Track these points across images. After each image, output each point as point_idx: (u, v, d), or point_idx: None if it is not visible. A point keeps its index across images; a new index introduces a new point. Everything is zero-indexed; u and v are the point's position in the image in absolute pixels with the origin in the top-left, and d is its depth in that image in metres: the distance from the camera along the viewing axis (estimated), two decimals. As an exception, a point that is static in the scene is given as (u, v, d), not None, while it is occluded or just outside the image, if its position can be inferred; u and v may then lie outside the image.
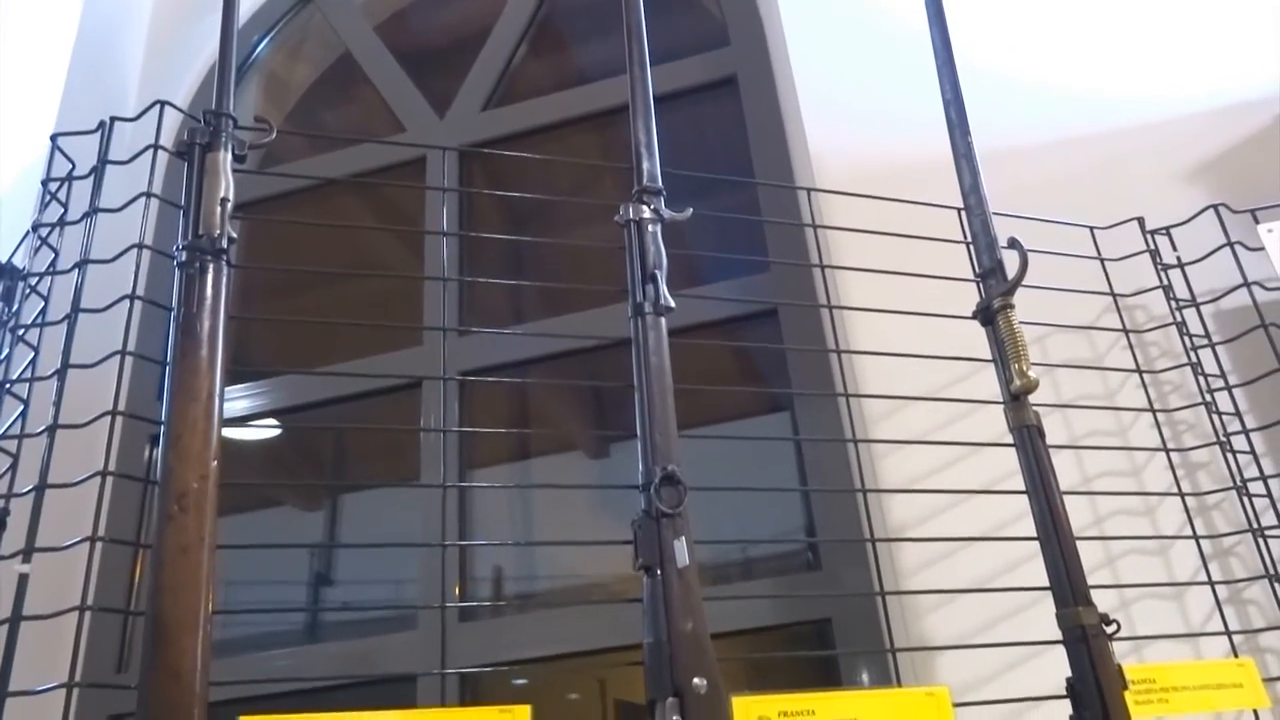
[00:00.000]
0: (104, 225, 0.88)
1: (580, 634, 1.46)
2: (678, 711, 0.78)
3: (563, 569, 1.69)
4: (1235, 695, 1.01)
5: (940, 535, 1.14)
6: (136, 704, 0.68)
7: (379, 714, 0.74)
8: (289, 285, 2.03)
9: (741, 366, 1.75)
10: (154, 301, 0.85)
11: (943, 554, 1.19)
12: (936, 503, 1.20)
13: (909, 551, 1.22)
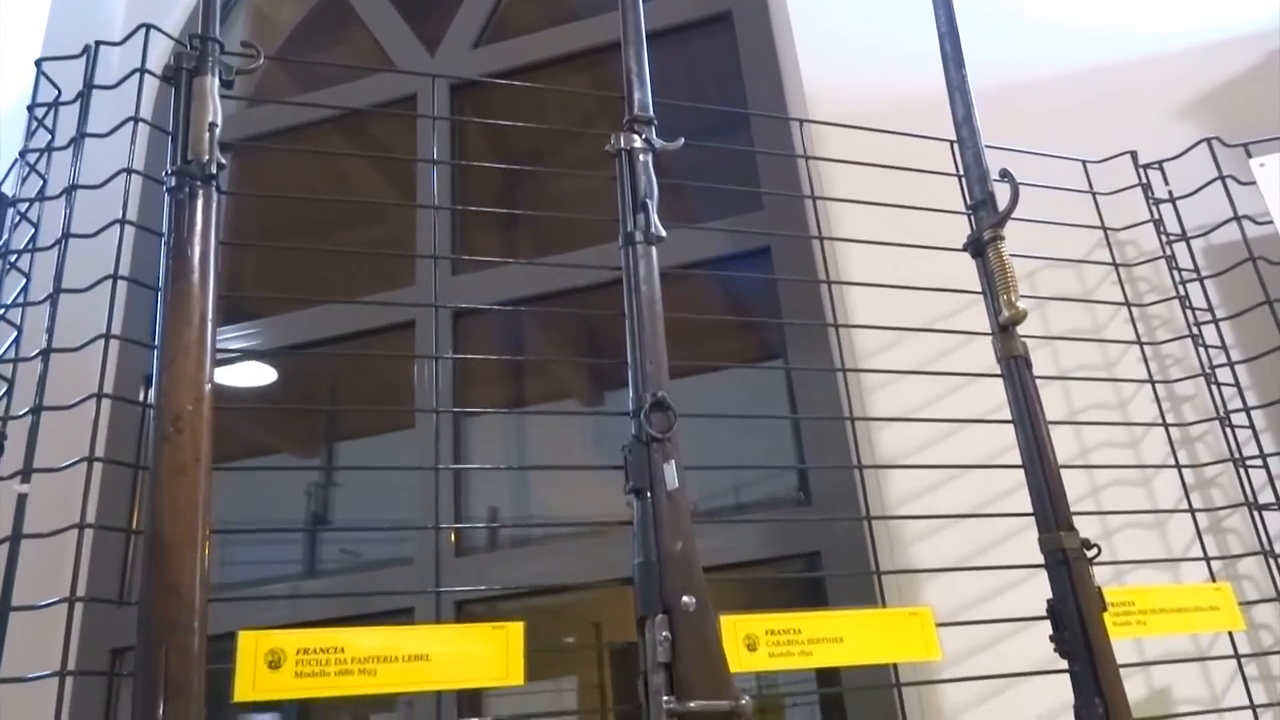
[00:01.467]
0: (93, 152, 0.87)
1: (574, 568, 1.48)
2: (667, 628, 0.80)
3: (557, 514, 1.71)
4: (1212, 618, 1.04)
5: (927, 464, 1.15)
6: (137, 620, 0.70)
7: (374, 630, 0.76)
8: (279, 233, 2.02)
9: (734, 311, 1.76)
10: (145, 227, 0.85)
11: (930, 485, 1.21)
12: (925, 436, 1.22)
13: (897, 484, 1.24)
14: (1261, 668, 1.12)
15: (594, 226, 1.43)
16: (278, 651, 0.73)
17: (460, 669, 0.77)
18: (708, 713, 0.77)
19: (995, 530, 1.15)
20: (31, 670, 0.73)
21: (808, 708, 1.45)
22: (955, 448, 1.20)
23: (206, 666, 0.69)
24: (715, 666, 0.80)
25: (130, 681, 0.69)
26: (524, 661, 0.80)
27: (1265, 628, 1.14)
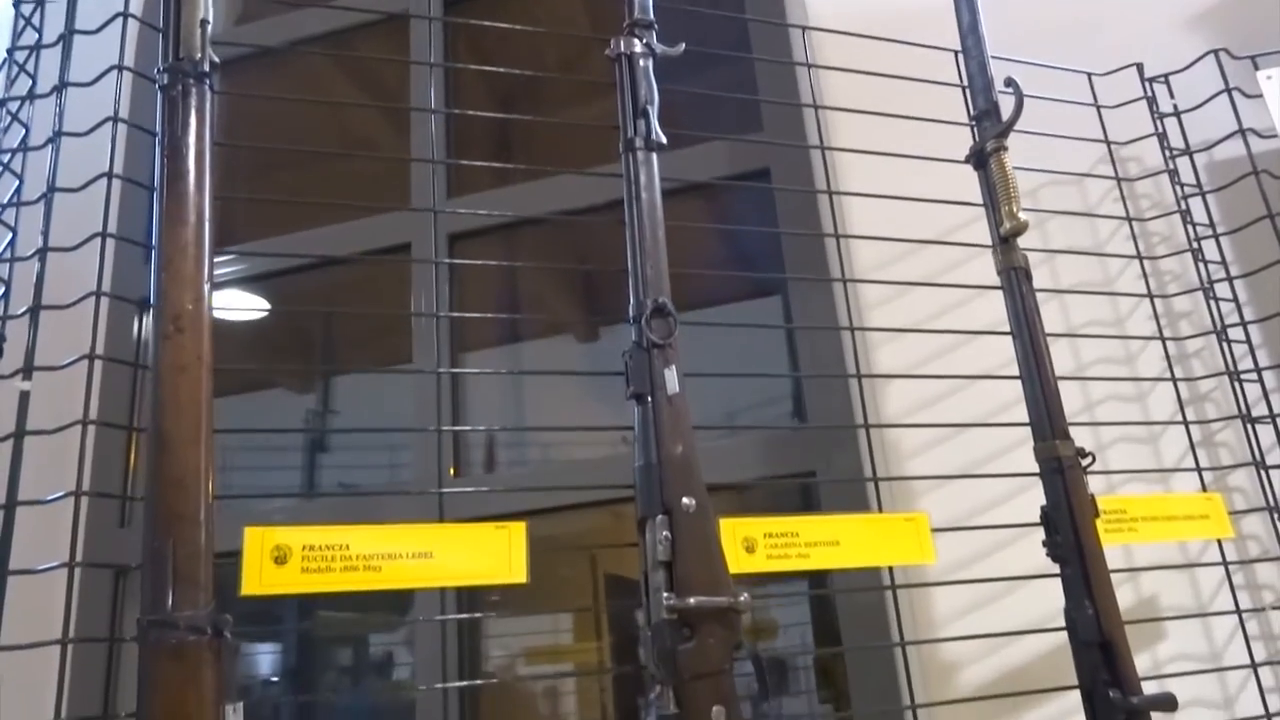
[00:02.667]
0: (83, 50, 0.86)
1: (571, 495, 1.49)
2: (667, 528, 0.81)
3: (552, 454, 1.72)
4: (1201, 526, 1.06)
5: (926, 374, 1.16)
6: (144, 515, 0.70)
7: (378, 528, 0.77)
8: (268, 164, 1.99)
9: (731, 237, 1.75)
10: (138, 125, 0.84)
11: (928, 400, 1.22)
12: (923, 352, 1.22)
13: (894, 401, 1.24)
14: (1248, 576, 1.15)
15: (592, 149, 1.41)
16: (283, 548, 0.74)
17: (463, 566, 0.78)
18: (706, 609, 0.78)
19: (991, 445, 1.16)
20: (39, 564, 0.73)
21: (800, 628, 1.49)
22: (954, 365, 1.20)
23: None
24: (714, 565, 0.81)
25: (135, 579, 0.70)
26: (525, 560, 0.81)
27: (1253, 538, 1.16)
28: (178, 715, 0.66)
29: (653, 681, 0.79)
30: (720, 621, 0.79)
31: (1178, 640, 1.13)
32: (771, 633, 1.53)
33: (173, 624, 0.67)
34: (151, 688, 0.66)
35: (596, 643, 1.70)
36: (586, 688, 1.64)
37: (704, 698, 0.77)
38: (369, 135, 1.98)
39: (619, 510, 1.66)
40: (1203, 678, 1.11)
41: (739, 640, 0.80)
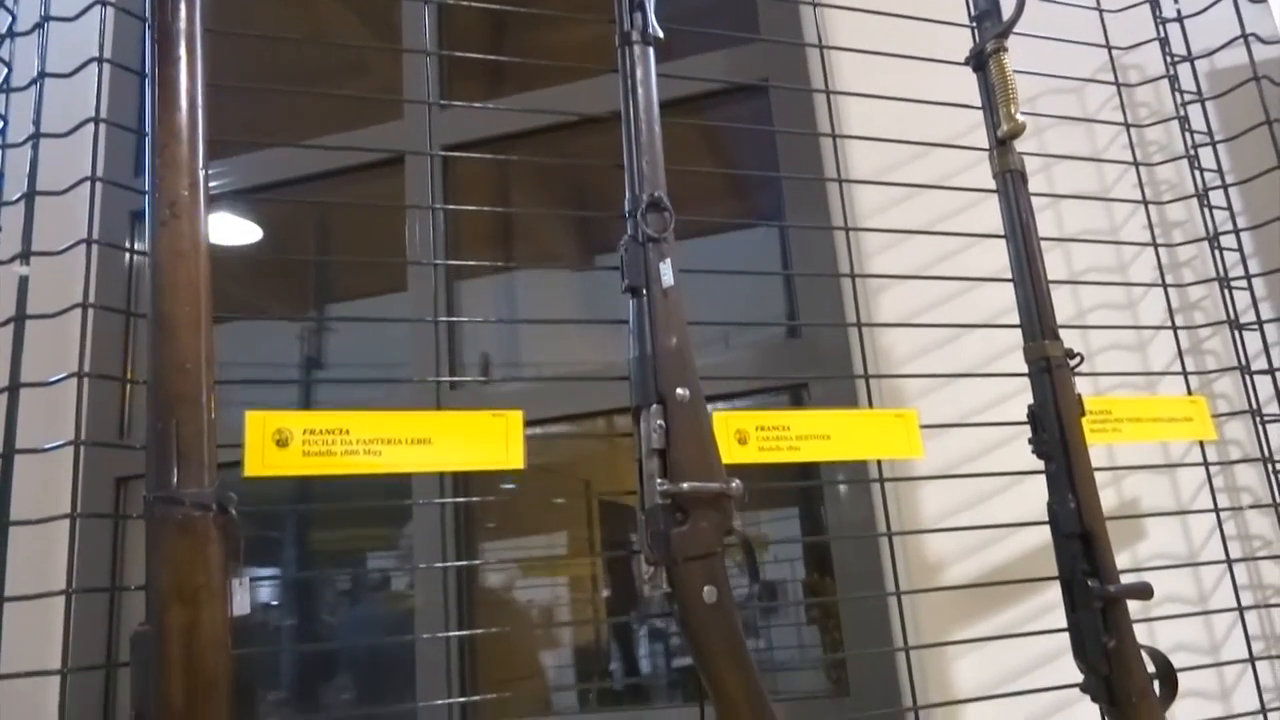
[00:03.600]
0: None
1: (564, 402, 1.51)
2: (661, 417, 0.82)
3: (547, 374, 1.73)
4: (1185, 428, 1.08)
5: (913, 274, 1.16)
6: (147, 398, 0.71)
7: (378, 414, 0.79)
8: (256, 74, 1.96)
9: (727, 154, 1.74)
10: (126, 10, 0.82)
11: (921, 308, 1.23)
12: (918, 261, 1.23)
13: (886, 309, 1.25)
14: (1228, 479, 1.18)
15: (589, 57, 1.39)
16: (285, 431, 0.76)
17: (461, 452, 0.80)
18: (699, 494, 0.80)
19: (983, 351, 1.18)
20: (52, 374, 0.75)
21: (791, 562, 1.53)
22: (949, 272, 1.20)
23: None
24: (707, 453, 0.83)
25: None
26: (522, 448, 0.82)
27: (1235, 443, 1.18)
28: (186, 588, 0.68)
29: (647, 563, 0.81)
30: (712, 506, 0.81)
31: (1157, 540, 1.16)
32: (761, 548, 1.57)
33: (178, 500, 0.69)
34: (159, 562, 0.68)
35: (589, 556, 1.74)
36: (580, 608, 1.69)
37: (696, 578, 0.79)
38: (362, 58, 1.95)
39: (615, 441, 1.69)
40: (1179, 575, 1.14)
41: (730, 525, 0.82)
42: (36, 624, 0.74)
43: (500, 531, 1.70)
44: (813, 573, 1.48)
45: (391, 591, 1.78)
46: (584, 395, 1.49)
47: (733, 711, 0.79)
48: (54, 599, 0.71)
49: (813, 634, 1.51)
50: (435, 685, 1.41)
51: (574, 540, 1.73)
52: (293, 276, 1.92)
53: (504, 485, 1.73)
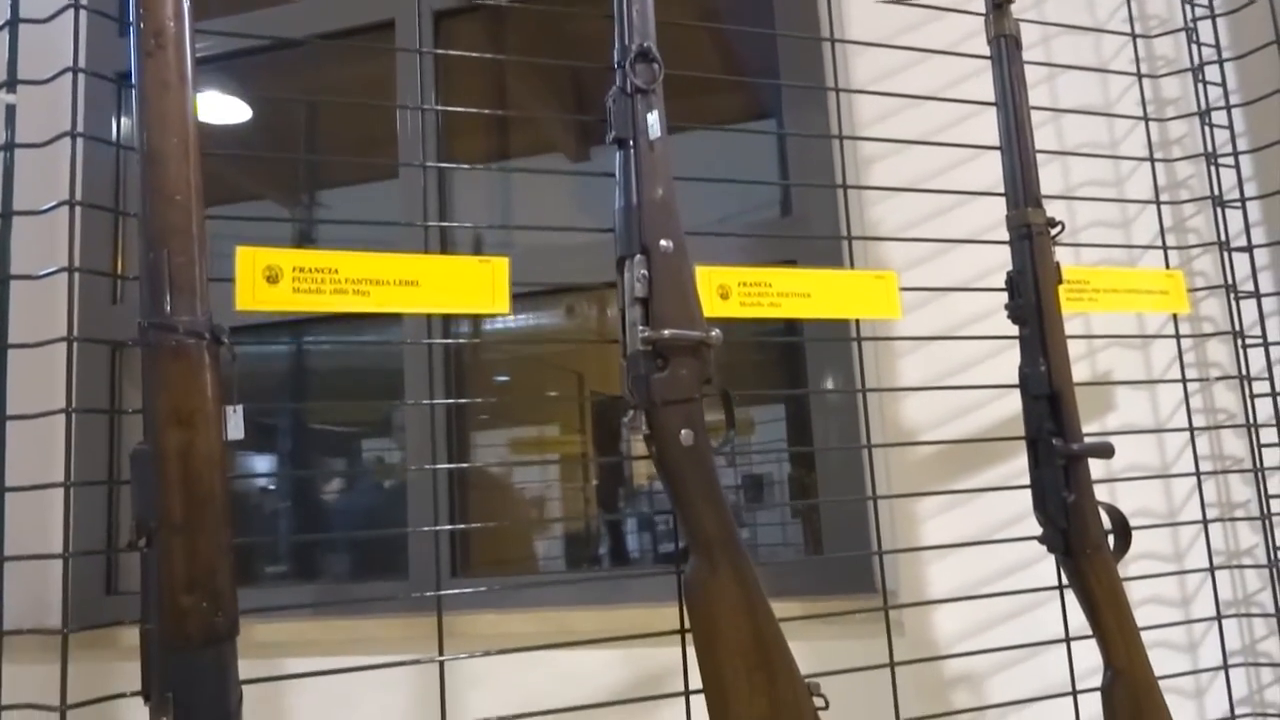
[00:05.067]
0: None
1: (559, 273, 1.52)
2: (644, 266, 0.84)
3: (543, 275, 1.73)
4: (1160, 300, 1.10)
5: (909, 139, 1.16)
6: (139, 230, 0.73)
7: (367, 255, 0.80)
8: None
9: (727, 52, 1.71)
10: None
11: (911, 181, 1.23)
12: (912, 131, 1.22)
13: (876, 179, 1.25)
14: (1199, 355, 1.21)
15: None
16: (274, 268, 0.77)
17: (449, 295, 0.82)
18: (679, 341, 0.83)
19: (967, 229, 1.18)
20: (41, 267, 0.77)
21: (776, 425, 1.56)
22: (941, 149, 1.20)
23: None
24: (688, 303, 0.85)
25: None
26: (508, 294, 0.84)
27: (1209, 319, 1.21)
28: (182, 411, 0.70)
29: (628, 406, 0.84)
30: (692, 354, 0.84)
31: (1125, 413, 1.20)
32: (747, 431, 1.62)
33: (172, 327, 0.71)
34: (155, 386, 0.71)
35: (579, 436, 1.78)
36: (570, 495, 1.73)
37: (674, 421, 0.82)
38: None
39: (605, 330, 1.71)
40: (1144, 444, 1.18)
41: (709, 374, 0.85)
42: (42, 440, 0.77)
43: (492, 423, 1.74)
44: (794, 391, 1.53)
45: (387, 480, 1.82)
46: (571, 265, 1.51)
47: (708, 553, 0.83)
48: (55, 418, 0.74)
49: (793, 508, 1.56)
50: (427, 541, 1.47)
51: (566, 430, 1.77)
52: (283, 161, 1.90)
53: (497, 379, 1.76)
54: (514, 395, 1.74)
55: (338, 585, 1.67)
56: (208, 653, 0.68)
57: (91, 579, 1.59)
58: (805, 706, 0.82)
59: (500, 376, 1.77)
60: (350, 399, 1.85)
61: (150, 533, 0.69)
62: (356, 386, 1.84)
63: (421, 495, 1.53)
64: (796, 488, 1.56)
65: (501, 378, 1.78)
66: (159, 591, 0.68)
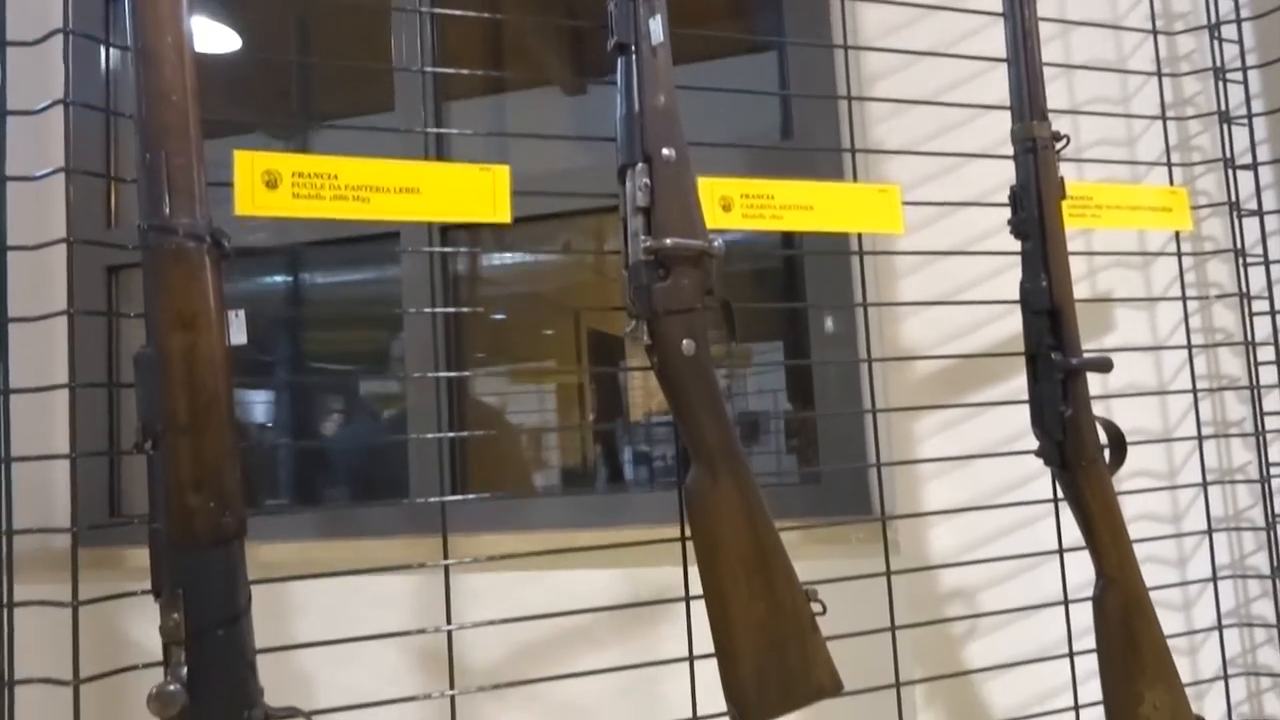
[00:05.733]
0: None
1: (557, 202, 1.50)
2: (646, 175, 0.83)
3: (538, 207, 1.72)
4: (1163, 217, 1.09)
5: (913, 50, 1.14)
6: (136, 131, 0.72)
7: (367, 160, 0.79)
8: None
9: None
10: None
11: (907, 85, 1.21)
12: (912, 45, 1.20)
13: (876, 86, 1.23)
14: (1199, 274, 1.20)
15: None
16: (274, 173, 0.76)
17: (449, 203, 0.81)
18: (681, 251, 0.82)
19: (971, 146, 1.17)
20: (37, 170, 0.76)
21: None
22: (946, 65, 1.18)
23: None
24: (690, 213, 0.84)
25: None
26: (509, 202, 0.83)
27: (1210, 239, 1.21)
28: (184, 314, 0.70)
29: (629, 316, 0.84)
30: (694, 265, 0.83)
31: (1125, 332, 1.20)
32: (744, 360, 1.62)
33: (171, 229, 0.70)
34: (156, 290, 0.70)
35: (576, 368, 1.78)
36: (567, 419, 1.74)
37: (675, 331, 0.83)
38: None
39: (602, 268, 1.70)
40: (1143, 362, 1.19)
41: (711, 285, 0.84)
42: (41, 343, 0.77)
43: (490, 360, 1.74)
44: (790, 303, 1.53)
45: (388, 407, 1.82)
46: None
47: (709, 463, 0.84)
48: (56, 325, 0.74)
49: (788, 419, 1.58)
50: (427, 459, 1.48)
51: (562, 364, 1.78)
52: (276, 95, 1.87)
53: (495, 316, 1.76)
54: (512, 329, 1.74)
55: (341, 509, 1.69)
56: (216, 551, 0.69)
57: (95, 500, 1.61)
58: (803, 611, 0.84)
59: (497, 315, 1.77)
60: (349, 333, 1.85)
61: (156, 435, 0.70)
62: (355, 324, 1.85)
63: (422, 426, 1.54)
64: (795, 425, 1.57)
65: (499, 316, 1.78)
66: (166, 492, 0.69)
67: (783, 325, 1.54)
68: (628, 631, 1.31)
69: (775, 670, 0.82)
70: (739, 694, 0.81)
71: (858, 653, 0.89)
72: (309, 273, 1.81)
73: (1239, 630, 1.16)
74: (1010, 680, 1.11)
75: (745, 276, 1.60)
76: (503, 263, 1.81)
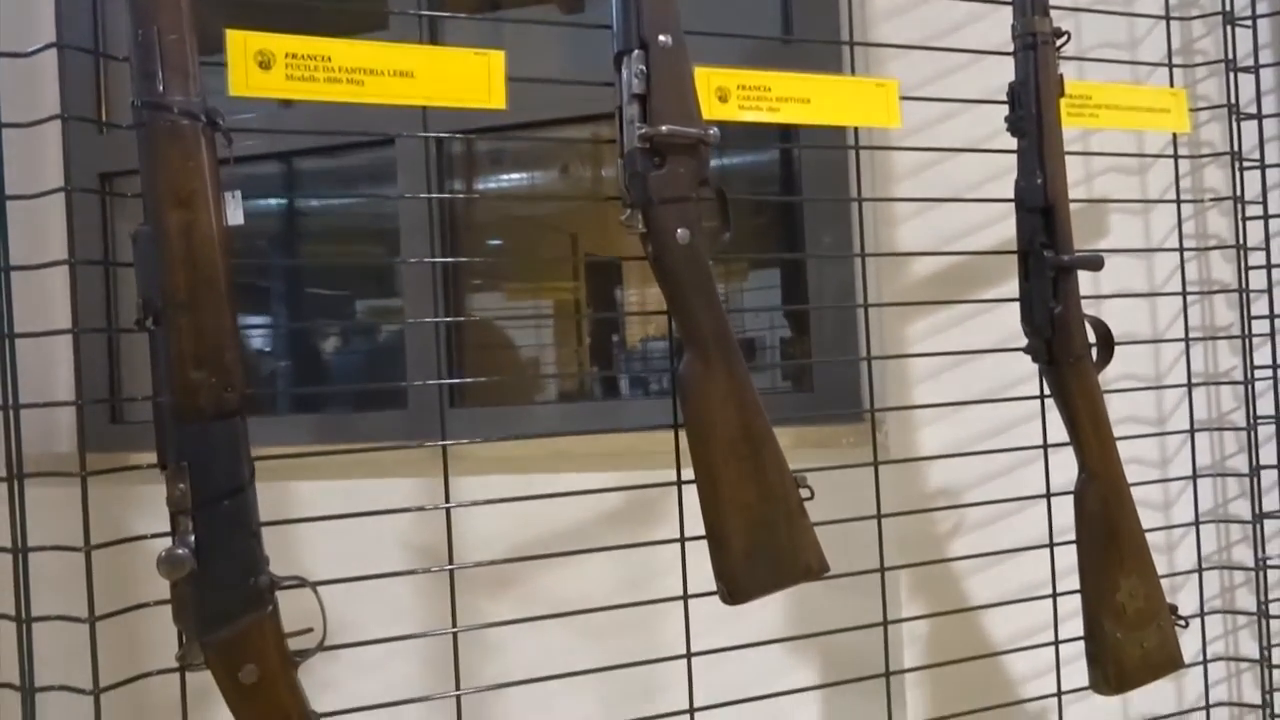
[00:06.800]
0: None
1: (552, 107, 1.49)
2: (642, 62, 0.83)
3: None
4: (1162, 118, 1.09)
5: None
6: (128, 8, 0.71)
7: (361, 42, 0.79)
8: None
9: None
10: None
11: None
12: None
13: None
14: (1195, 180, 1.21)
15: None
16: (266, 53, 0.76)
17: (444, 88, 0.81)
18: (676, 138, 0.82)
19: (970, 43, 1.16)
20: (28, 47, 0.75)
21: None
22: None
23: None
24: (686, 100, 0.84)
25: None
26: (504, 89, 0.83)
27: (1208, 144, 1.20)
28: (180, 191, 0.71)
29: (624, 205, 0.84)
30: (689, 153, 0.84)
31: (1118, 237, 1.20)
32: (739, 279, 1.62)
33: (166, 106, 0.70)
34: (152, 167, 0.71)
35: (572, 283, 1.78)
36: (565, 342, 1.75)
37: (670, 219, 0.83)
38: None
39: (601, 192, 1.68)
40: (1134, 267, 1.20)
41: (705, 174, 0.85)
42: (36, 221, 0.78)
43: (487, 286, 1.74)
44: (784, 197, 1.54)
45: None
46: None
47: (703, 349, 0.85)
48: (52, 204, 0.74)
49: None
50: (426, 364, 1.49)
51: (560, 293, 1.78)
52: (260, 8, 1.83)
53: (490, 242, 1.75)
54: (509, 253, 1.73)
55: (341, 416, 1.71)
56: (219, 425, 0.71)
57: (96, 409, 1.62)
58: (792, 495, 0.86)
59: (494, 240, 1.77)
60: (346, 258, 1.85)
61: (157, 312, 0.71)
62: (352, 247, 1.85)
63: (420, 345, 1.55)
64: (793, 348, 1.58)
65: (495, 241, 1.77)
66: (169, 368, 0.70)
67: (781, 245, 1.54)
68: (624, 529, 1.34)
69: (763, 550, 0.84)
70: (728, 572, 0.84)
71: (845, 549, 0.92)
72: (305, 194, 1.80)
73: (1216, 527, 1.20)
74: (992, 574, 1.15)
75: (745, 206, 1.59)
76: (498, 184, 1.79)
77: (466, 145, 1.67)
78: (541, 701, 1.25)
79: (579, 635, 1.04)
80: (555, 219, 1.80)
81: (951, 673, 1.11)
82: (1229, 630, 1.20)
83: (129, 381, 1.64)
